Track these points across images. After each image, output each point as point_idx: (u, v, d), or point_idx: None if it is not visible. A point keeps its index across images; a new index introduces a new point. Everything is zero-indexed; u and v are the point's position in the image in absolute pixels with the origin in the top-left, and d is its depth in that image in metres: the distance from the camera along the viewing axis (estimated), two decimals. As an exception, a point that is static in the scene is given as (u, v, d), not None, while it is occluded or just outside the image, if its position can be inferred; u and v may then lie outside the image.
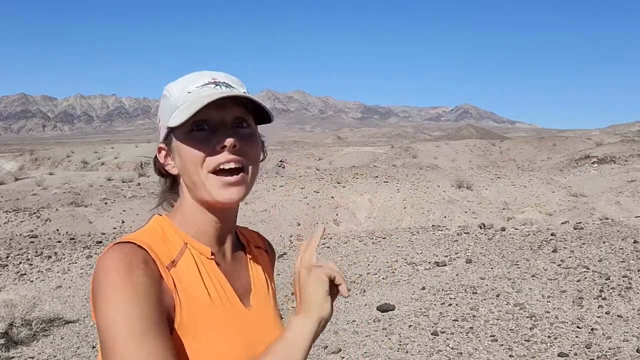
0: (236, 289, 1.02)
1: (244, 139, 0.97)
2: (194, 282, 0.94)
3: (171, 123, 0.95)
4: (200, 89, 0.97)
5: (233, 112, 0.97)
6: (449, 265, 7.72)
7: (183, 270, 0.94)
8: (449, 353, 4.64)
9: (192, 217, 1.00)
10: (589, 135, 54.77)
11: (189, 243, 0.99)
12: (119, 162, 45.31)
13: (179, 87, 1.00)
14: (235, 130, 0.97)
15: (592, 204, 15.04)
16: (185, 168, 0.97)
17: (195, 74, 1.01)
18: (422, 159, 40.11)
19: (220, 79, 1.00)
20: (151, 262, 0.89)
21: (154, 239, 0.95)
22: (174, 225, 1.00)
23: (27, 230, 12.59)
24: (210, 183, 0.95)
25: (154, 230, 0.98)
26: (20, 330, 5.51)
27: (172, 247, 0.96)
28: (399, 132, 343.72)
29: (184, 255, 0.96)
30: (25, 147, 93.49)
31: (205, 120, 0.95)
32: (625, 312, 5.34)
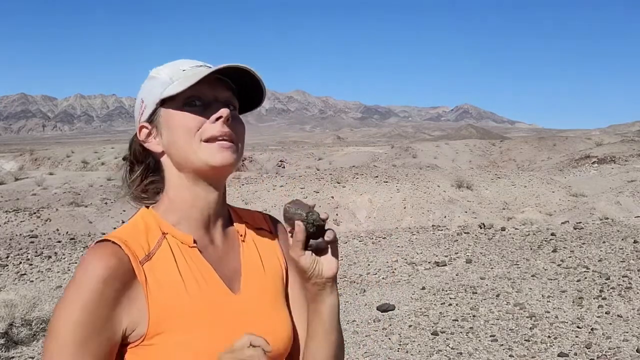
0: (223, 275, 1.00)
1: (234, 118, 0.99)
2: (169, 275, 0.94)
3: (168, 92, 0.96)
4: (194, 68, 0.99)
5: (225, 93, 1.00)
6: (449, 265, 7.71)
7: (158, 263, 0.94)
8: (449, 353, 4.64)
9: (178, 200, 1.00)
10: (589, 135, 54.75)
11: (169, 232, 0.98)
12: (119, 162, 45.14)
13: (170, 67, 1.01)
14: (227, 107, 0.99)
15: (592, 204, 15.05)
16: (175, 139, 0.97)
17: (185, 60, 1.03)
18: (422, 159, 40.11)
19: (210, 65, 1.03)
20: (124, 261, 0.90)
21: (132, 234, 0.96)
22: (156, 215, 1.00)
23: (27, 230, 12.59)
24: (204, 150, 0.95)
25: (136, 224, 0.99)
26: (20, 330, 5.51)
27: (151, 239, 0.97)
28: (399, 132, 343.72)
29: (161, 246, 0.96)
30: (25, 147, 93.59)
31: (198, 96, 0.97)
32: (625, 312, 5.34)
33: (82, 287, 0.87)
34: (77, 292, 0.86)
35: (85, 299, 0.86)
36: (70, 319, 0.85)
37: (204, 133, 0.95)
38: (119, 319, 0.89)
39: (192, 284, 0.95)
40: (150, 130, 1.01)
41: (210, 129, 0.95)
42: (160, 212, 1.01)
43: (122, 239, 0.93)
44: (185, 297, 0.93)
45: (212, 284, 0.98)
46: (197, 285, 0.95)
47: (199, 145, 0.95)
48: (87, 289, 0.86)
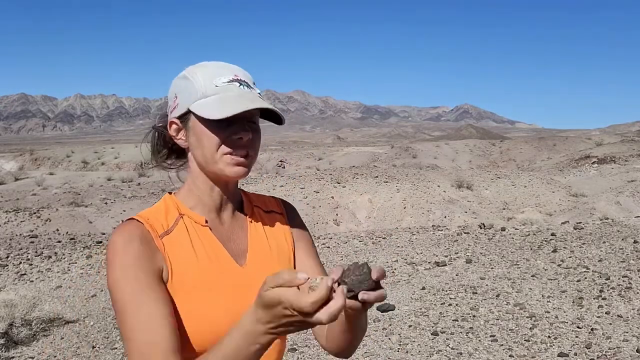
0: (231, 251, 1.15)
1: (254, 133, 1.13)
2: (184, 248, 1.10)
3: (205, 114, 1.08)
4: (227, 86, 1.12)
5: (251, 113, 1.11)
6: (449, 265, 7.72)
7: (175, 238, 1.11)
8: (449, 353, 4.64)
9: (196, 189, 1.17)
10: (589, 135, 54.76)
11: (185, 214, 1.15)
12: (119, 162, 45.30)
13: (204, 75, 1.13)
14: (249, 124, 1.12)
15: (592, 204, 15.05)
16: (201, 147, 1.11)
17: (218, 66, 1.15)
18: (422, 159, 40.12)
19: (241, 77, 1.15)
20: (146, 232, 1.08)
21: (154, 214, 1.13)
22: (177, 200, 1.18)
23: (27, 230, 12.59)
24: (222, 162, 1.10)
25: (158, 207, 1.16)
26: (20, 330, 5.51)
27: (170, 219, 1.13)
28: (399, 132, 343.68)
29: (178, 225, 1.13)
30: (25, 147, 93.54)
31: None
32: (625, 312, 5.34)
33: (117, 248, 1.04)
34: (115, 253, 1.03)
35: (123, 250, 1.03)
36: (121, 268, 1.02)
37: (225, 149, 1.10)
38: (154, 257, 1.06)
39: (203, 257, 1.11)
40: (179, 127, 1.16)
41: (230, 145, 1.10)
42: (180, 197, 1.18)
43: (144, 217, 1.11)
44: (196, 267, 1.09)
45: (221, 257, 1.13)
46: (208, 258, 1.11)
47: (221, 157, 1.10)
48: (121, 246, 1.04)
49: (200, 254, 1.11)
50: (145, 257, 1.04)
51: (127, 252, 1.03)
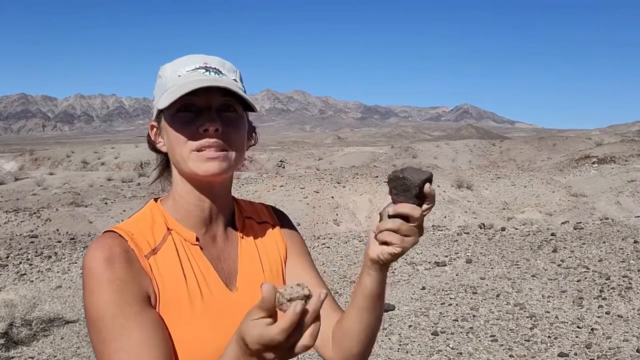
0: (221, 273, 1.04)
1: (228, 123, 0.99)
2: (172, 270, 0.98)
3: (159, 105, 0.99)
4: (190, 74, 1.00)
5: (219, 98, 1.00)
6: (449, 265, 7.71)
7: (163, 258, 0.98)
8: (449, 353, 4.64)
9: (182, 199, 1.04)
10: (589, 135, 54.75)
11: (174, 229, 1.03)
12: (119, 162, 45.28)
13: (171, 69, 1.03)
14: (220, 114, 0.99)
15: (592, 204, 15.05)
16: (171, 146, 1.01)
17: (189, 57, 1.04)
18: (422, 159, 40.12)
19: (212, 64, 1.03)
20: (131, 252, 0.94)
21: (140, 227, 1.00)
22: (164, 210, 1.05)
23: (27, 230, 12.59)
24: (193, 160, 0.98)
25: (144, 217, 1.04)
26: (20, 330, 5.51)
27: (157, 234, 1.01)
28: (399, 132, 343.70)
29: (166, 242, 1.00)
30: (25, 147, 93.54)
31: (192, 104, 0.98)
32: (625, 312, 5.34)
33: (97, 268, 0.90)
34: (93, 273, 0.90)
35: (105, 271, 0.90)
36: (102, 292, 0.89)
37: (192, 144, 0.97)
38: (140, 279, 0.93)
39: (192, 280, 0.99)
40: (157, 129, 1.06)
41: (198, 140, 0.97)
42: (167, 207, 1.06)
43: (127, 232, 0.98)
44: (184, 292, 0.97)
45: (211, 281, 1.01)
46: (197, 282, 0.99)
47: (190, 154, 0.98)
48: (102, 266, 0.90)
49: (190, 277, 0.99)
50: (131, 279, 0.91)
51: (110, 272, 0.90)
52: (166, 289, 0.96)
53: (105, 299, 0.88)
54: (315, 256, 8.66)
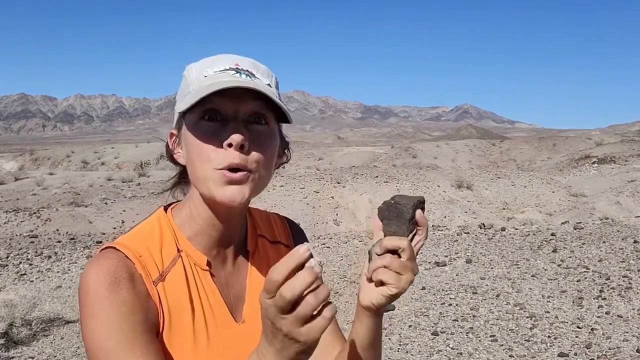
0: (227, 300, 0.94)
1: (256, 137, 0.86)
2: (180, 300, 0.89)
3: (177, 108, 0.88)
4: (217, 74, 0.87)
5: (250, 105, 0.86)
6: (449, 265, 7.71)
7: (170, 285, 0.89)
8: (449, 353, 4.64)
9: (197, 214, 0.92)
10: (589, 135, 54.74)
11: (184, 250, 0.92)
12: (119, 162, 45.29)
13: (197, 68, 0.90)
14: (249, 125, 0.86)
15: (592, 204, 15.05)
16: (190, 160, 0.88)
17: (219, 56, 0.91)
18: (422, 159, 40.13)
19: (244, 66, 0.89)
20: (138, 277, 0.85)
21: (147, 244, 0.90)
22: (174, 224, 0.94)
23: (27, 230, 12.59)
24: (213, 179, 0.84)
25: (152, 232, 0.92)
26: (20, 330, 5.51)
27: (165, 255, 0.90)
28: (399, 132, 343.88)
29: (175, 266, 0.90)
30: (25, 147, 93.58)
31: (217, 110, 0.85)
32: (625, 312, 5.34)
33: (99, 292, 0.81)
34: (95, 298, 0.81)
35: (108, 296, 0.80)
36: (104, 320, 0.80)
37: (214, 162, 0.84)
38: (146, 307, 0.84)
39: (198, 310, 0.90)
40: (177, 139, 0.94)
41: (221, 157, 0.84)
42: (179, 220, 0.94)
43: (135, 252, 0.87)
44: (189, 323, 0.89)
45: (217, 312, 0.92)
46: (203, 312, 0.90)
47: (212, 173, 0.84)
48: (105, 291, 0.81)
49: (197, 306, 0.90)
50: (137, 307, 0.82)
51: (115, 300, 0.80)
52: (172, 319, 0.87)
53: (111, 327, 0.79)
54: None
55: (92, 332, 0.80)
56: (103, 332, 0.79)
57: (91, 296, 0.81)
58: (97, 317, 0.80)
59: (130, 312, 0.81)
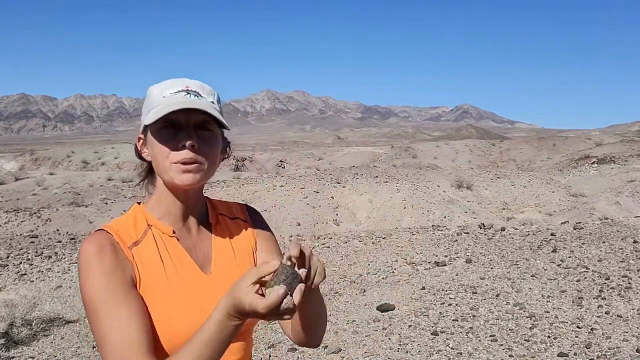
0: (197, 260, 1.21)
1: (203, 140, 1.16)
2: (152, 258, 1.16)
3: (145, 121, 1.17)
4: (172, 96, 1.17)
5: (198, 117, 1.15)
6: (448, 265, 7.72)
7: (144, 248, 1.16)
8: (448, 353, 4.65)
9: (161, 200, 1.22)
10: (588, 136, 54.74)
11: (153, 225, 1.21)
12: (119, 162, 45.28)
13: (157, 90, 1.20)
14: (197, 132, 1.15)
15: (592, 204, 15.05)
16: (154, 157, 1.18)
17: (173, 81, 1.21)
18: (422, 159, 40.15)
19: (192, 88, 1.19)
20: (116, 244, 1.12)
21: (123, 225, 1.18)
22: (145, 210, 1.23)
23: (28, 230, 12.59)
24: (172, 171, 1.14)
25: (127, 218, 1.21)
26: (21, 330, 5.52)
27: (139, 230, 1.19)
28: (399, 132, 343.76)
29: (146, 236, 1.18)
30: (25, 147, 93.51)
31: (173, 121, 1.14)
32: (625, 312, 5.35)
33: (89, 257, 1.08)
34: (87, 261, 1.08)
35: (96, 259, 1.08)
36: (94, 276, 1.07)
37: (172, 157, 1.14)
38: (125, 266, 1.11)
39: (170, 266, 1.16)
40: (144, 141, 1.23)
41: (177, 155, 1.14)
42: (148, 207, 1.24)
43: (113, 229, 1.16)
44: (164, 277, 1.15)
45: (187, 266, 1.19)
46: (174, 268, 1.17)
47: (170, 166, 1.15)
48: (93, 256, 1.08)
49: (168, 264, 1.16)
50: (117, 265, 1.09)
51: (99, 261, 1.07)
52: (146, 273, 1.13)
53: (98, 284, 1.06)
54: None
55: (85, 288, 1.07)
56: (93, 287, 1.06)
57: (83, 262, 1.09)
58: (88, 277, 1.07)
59: (112, 271, 1.08)
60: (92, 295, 1.06)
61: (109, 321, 1.03)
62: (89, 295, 1.06)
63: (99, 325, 1.04)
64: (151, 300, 1.11)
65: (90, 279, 1.06)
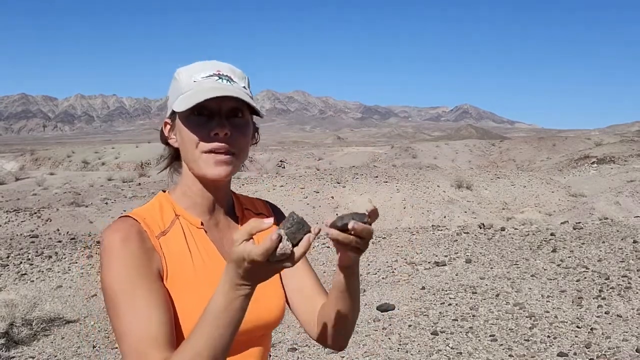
0: (224, 253, 1.15)
1: (236, 128, 1.10)
2: (180, 249, 1.10)
3: (175, 107, 1.09)
4: (204, 80, 1.10)
5: (230, 104, 1.09)
6: (448, 265, 7.72)
7: (171, 239, 1.10)
8: (448, 353, 4.65)
9: (189, 190, 1.16)
10: (588, 136, 54.75)
11: (181, 215, 1.15)
12: (120, 162, 45.30)
13: (187, 73, 1.13)
14: (229, 120, 1.09)
15: (592, 204, 15.06)
16: (183, 145, 1.11)
17: (203, 64, 1.14)
18: (422, 159, 40.16)
19: (224, 72, 1.13)
20: (143, 232, 1.07)
21: (150, 213, 1.12)
22: (171, 199, 1.17)
23: (28, 230, 12.60)
24: (202, 161, 1.09)
25: (153, 205, 1.15)
26: (21, 330, 5.52)
27: (166, 219, 1.13)
28: (399, 132, 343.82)
29: (174, 226, 1.13)
30: (25, 147, 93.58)
31: (205, 107, 1.07)
32: (625, 311, 5.35)
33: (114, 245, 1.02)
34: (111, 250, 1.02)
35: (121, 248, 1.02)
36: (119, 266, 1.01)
37: (202, 146, 1.08)
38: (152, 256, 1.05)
39: (197, 259, 1.11)
40: (171, 127, 1.16)
41: (208, 144, 1.08)
42: (175, 197, 1.18)
43: (140, 216, 1.10)
44: (191, 269, 1.10)
45: (214, 259, 1.13)
46: (202, 260, 1.12)
47: (200, 155, 1.09)
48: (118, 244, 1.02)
49: (195, 256, 1.11)
50: (144, 255, 1.03)
51: (125, 250, 1.01)
52: (174, 265, 1.08)
53: (121, 274, 1.00)
54: (315, 256, 8.67)
55: (107, 279, 1.01)
56: (114, 278, 1.00)
57: (107, 251, 1.02)
58: (110, 267, 1.01)
59: (138, 261, 1.02)
60: (114, 287, 1.00)
61: (129, 314, 0.98)
62: (110, 286, 1.00)
63: (118, 318, 0.99)
64: (177, 293, 1.06)
65: (112, 270, 1.00)
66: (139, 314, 0.98)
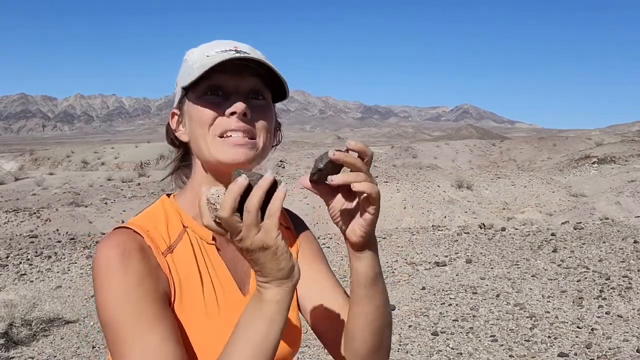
0: (236, 275, 0.99)
1: (256, 109, 0.94)
2: (189, 269, 0.93)
3: (183, 83, 0.94)
4: (219, 54, 0.93)
5: (250, 82, 0.94)
6: (449, 265, 7.71)
7: (179, 256, 0.93)
8: (449, 353, 4.64)
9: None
10: (589, 135, 54.75)
11: (189, 226, 0.97)
12: (119, 162, 45.30)
13: (199, 51, 0.98)
14: (249, 100, 0.93)
15: (592, 204, 15.05)
16: (193, 131, 0.94)
17: (219, 41, 0.99)
18: (422, 159, 40.16)
19: (242, 49, 0.96)
20: (147, 249, 0.89)
21: (154, 223, 0.94)
22: (178, 206, 0.99)
23: (27, 230, 12.58)
24: (216, 146, 0.91)
25: (156, 213, 0.97)
26: (20, 330, 5.51)
27: (172, 231, 0.95)
28: (399, 132, 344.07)
29: (182, 240, 0.95)
30: (25, 147, 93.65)
31: (220, 86, 0.93)
32: (625, 312, 5.34)
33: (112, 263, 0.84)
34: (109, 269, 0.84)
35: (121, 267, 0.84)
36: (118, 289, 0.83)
37: (217, 128, 0.91)
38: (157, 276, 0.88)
39: (207, 282, 0.95)
40: (179, 117, 0.99)
41: (224, 124, 0.91)
42: (182, 202, 1.00)
43: (143, 228, 0.91)
44: (199, 294, 0.93)
45: (226, 284, 0.97)
46: (212, 284, 0.95)
47: (213, 139, 0.91)
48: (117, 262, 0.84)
49: (205, 278, 0.94)
50: (147, 276, 0.85)
51: (124, 269, 0.83)
52: (182, 288, 0.91)
53: (122, 296, 0.82)
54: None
55: (104, 303, 0.83)
56: (113, 303, 0.82)
57: (102, 269, 0.84)
58: (108, 289, 0.83)
59: (140, 281, 0.84)
60: (113, 314, 0.82)
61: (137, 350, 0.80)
62: (108, 313, 0.82)
63: (120, 351, 0.81)
64: (184, 319, 0.90)
65: (110, 292, 0.82)
66: (148, 350, 0.80)
